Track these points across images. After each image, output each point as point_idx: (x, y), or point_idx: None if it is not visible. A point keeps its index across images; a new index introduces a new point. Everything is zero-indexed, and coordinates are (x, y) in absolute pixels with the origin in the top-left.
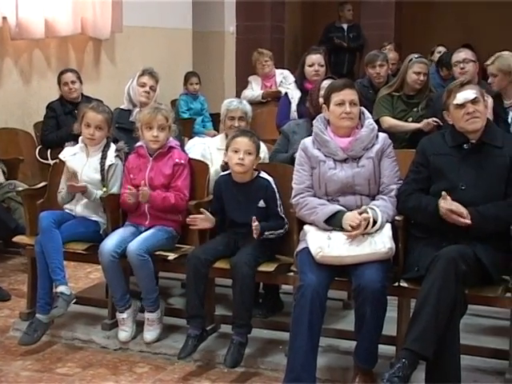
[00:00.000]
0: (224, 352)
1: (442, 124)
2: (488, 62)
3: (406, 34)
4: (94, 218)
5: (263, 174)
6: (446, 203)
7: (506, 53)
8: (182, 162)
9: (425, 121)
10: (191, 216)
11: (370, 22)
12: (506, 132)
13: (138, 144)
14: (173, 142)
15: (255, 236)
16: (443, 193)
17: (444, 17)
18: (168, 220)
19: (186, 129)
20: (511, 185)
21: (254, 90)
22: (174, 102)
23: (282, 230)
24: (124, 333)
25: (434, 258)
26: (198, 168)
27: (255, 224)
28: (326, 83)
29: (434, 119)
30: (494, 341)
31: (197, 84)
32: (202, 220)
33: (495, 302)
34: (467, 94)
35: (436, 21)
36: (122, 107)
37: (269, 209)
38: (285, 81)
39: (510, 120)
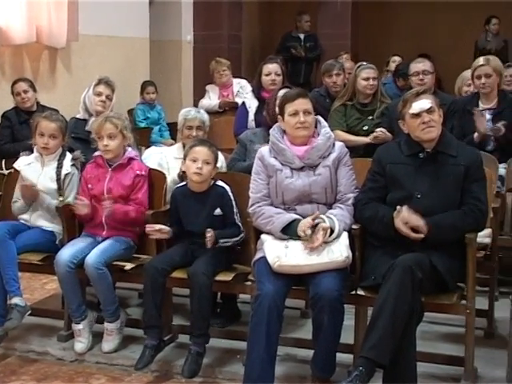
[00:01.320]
0: (182, 362)
1: (392, 133)
2: (481, 63)
3: (363, 44)
4: (49, 228)
5: (219, 183)
6: (400, 219)
7: (492, 56)
8: (143, 173)
9: (372, 134)
10: (149, 225)
11: (326, 31)
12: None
13: (97, 153)
14: (132, 152)
15: (208, 245)
16: (398, 207)
17: (400, 27)
18: (125, 230)
19: (143, 138)
20: (466, 193)
21: (212, 99)
22: (130, 112)
23: (237, 238)
24: (80, 344)
25: (390, 266)
26: (155, 177)
27: (209, 234)
28: (281, 92)
29: (381, 130)
30: (450, 347)
31: (153, 93)
32: (160, 232)
33: (451, 309)
34: (423, 104)
35: (392, 31)
36: (77, 116)
37: (225, 217)
38: (242, 90)
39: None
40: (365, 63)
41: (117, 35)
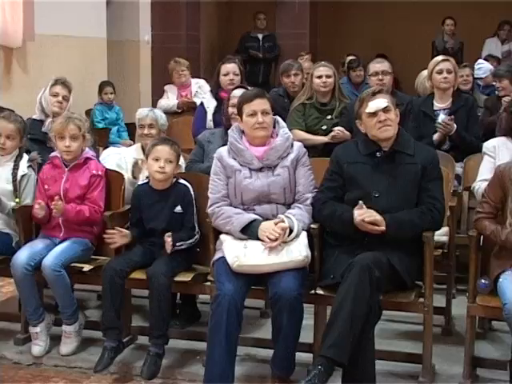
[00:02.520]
0: (141, 364)
1: (351, 132)
2: (442, 58)
3: (321, 44)
4: (5, 231)
5: (182, 181)
6: (361, 213)
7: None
8: (99, 173)
9: (331, 133)
10: (108, 231)
11: (285, 31)
12: (433, 132)
13: (53, 154)
14: (89, 152)
15: (168, 251)
16: (360, 202)
17: (358, 27)
18: (83, 232)
19: (101, 139)
20: (423, 192)
21: (170, 99)
22: (88, 112)
23: (192, 240)
24: (37, 347)
25: (348, 265)
26: (113, 178)
27: (169, 239)
28: (236, 92)
29: (339, 129)
30: (408, 345)
31: (112, 93)
32: (120, 236)
33: (409, 307)
34: (379, 103)
35: (350, 31)
36: (34, 117)
37: (184, 215)
38: (200, 90)
39: (438, 120)
40: (323, 62)
41: (74, 35)
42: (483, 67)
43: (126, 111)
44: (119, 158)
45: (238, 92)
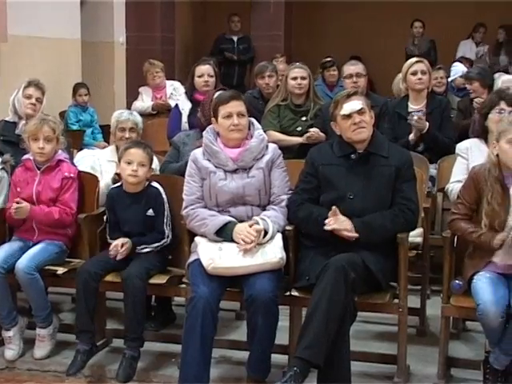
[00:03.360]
0: (116, 366)
1: (325, 133)
2: (416, 60)
3: (296, 46)
4: None
5: (154, 184)
6: (331, 223)
7: None
8: (72, 175)
9: (306, 134)
10: (113, 246)
11: (259, 33)
12: (408, 133)
13: (26, 157)
14: (62, 155)
15: (118, 256)
16: (333, 207)
17: (333, 29)
18: (57, 234)
19: (76, 141)
20: (397, 193)
21: (145, 101)
22: (62, 114)
23: (158, 244)
24: (11, 351)
25: (323, 266)
26: (87, 181)
27: (126, 246)
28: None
29: (314, 130)
30: (383, 346)
31: (86, 95)
32: (123, 245)
33: (383, 308)
34: (354, 105)
35: (325, 33)
36: (7, 119)
37: (157, 218)
38: (175, 92)
39: (413, 123)
40: (298, 64)
41: (47, 36)
42: (455, 69)
43: (100, 113)
44: (93, 160)
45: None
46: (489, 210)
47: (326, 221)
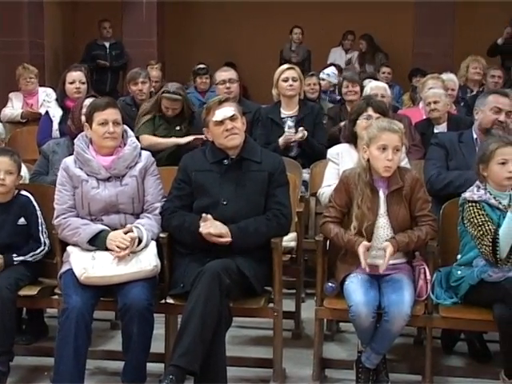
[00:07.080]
0: None
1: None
2: (287, 66)
3: (170, 52)
4: None
5: (24, 192)
6: (207, 226)
7: None
8: None
9: (193, 136)
10: None
11: (132, 39)
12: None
13: None
14: None
15: None
16: (203, 214)
17: (207, 33)
18: None
19: None
20: (270, 199)
21: (15, 107)
22: None
23: (35, 252)
24: None
25: (198, 273)
26: None
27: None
28: (88, 101)
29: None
30: (259, 350)
31: None
32: None
33: (259, 313)
34: (226, 112)
35: (200, 37)
36: None
37: (29, 227)
38: (48, 98)
39: (286, 128)
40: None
41: None
42: (326, 71)
43: None
44: None
45: (90, 101)
46: (359, 213)
47: (202, 224)
